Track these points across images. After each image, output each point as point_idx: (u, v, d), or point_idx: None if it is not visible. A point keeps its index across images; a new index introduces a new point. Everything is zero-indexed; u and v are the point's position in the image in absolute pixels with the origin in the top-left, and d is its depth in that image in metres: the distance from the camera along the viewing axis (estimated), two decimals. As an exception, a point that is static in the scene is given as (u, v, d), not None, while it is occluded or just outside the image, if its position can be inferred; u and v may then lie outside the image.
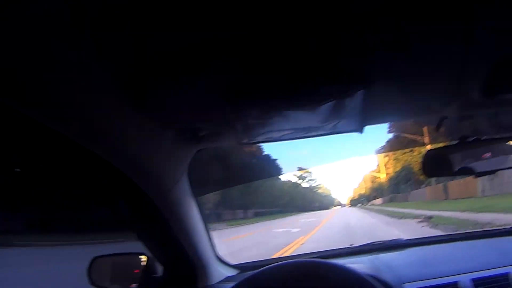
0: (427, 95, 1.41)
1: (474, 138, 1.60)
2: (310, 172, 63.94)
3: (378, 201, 54.27)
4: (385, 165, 48.69)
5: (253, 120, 1.26)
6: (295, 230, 16.73)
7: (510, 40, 1.06)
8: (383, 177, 51.49)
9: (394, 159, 43.77)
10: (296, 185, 61.99)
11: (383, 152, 51.32)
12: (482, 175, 1.65)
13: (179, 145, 1.51)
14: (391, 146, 36.43)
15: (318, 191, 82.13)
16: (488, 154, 1.62)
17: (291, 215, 39.79)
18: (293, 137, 1.45)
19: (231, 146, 1.81)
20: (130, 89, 1.10)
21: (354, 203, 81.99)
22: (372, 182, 65.76)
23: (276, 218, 32.58)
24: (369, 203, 62.01)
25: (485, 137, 1.61)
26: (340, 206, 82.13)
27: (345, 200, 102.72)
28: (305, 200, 61.55)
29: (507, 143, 1.68)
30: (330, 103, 1.17)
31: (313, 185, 74.32)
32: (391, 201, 43.07)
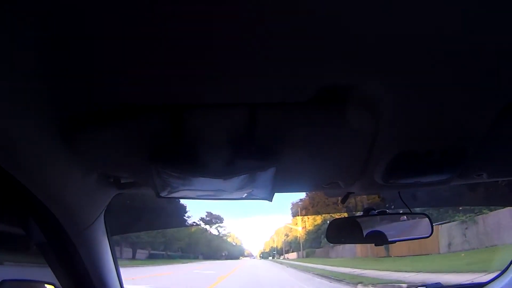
0: (334, 175, 1.61)
1: (378, 210, 1.91)
2: (219, 219, 63.07)
3: (293, 255, 56.52)
4: (302, 219, 48.64)
5: (172, 179, 1.36)
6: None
7: (413, 135, 1.26)
8: (299, 230, 51.74)
9: (314, 213, 43.39)
10: (203, 230, 61.94)
11: (296, 215, 51.71)
12: (383, 244, 1.96)
13: (101, 187, 1.63)
14: (304, 210, 39.38)
15: (227, 239, 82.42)
16: (389, 227, 1.93)
17: (189, 261, 42.56)
18: (209, 198, 1.62)
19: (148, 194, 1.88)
20: (63, 135, 1.20)
21: (265, 255, 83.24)
22: (286, 235, 67.83)
23: (169, 263, 32.66)
24: (282, 257, 65.18)
25: (389, 211, 1.91)
26: (249, 258, 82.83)
27: (255, 251, 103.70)
28: (211, 247, 61.99)
29: (408, 218, 2.01)
30: (244, 175, 1.32)
31: (222, 232, 73.94)
32: (308, 256, 44.07)
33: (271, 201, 1.57)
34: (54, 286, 1.73)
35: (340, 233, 2.02)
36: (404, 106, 1.12)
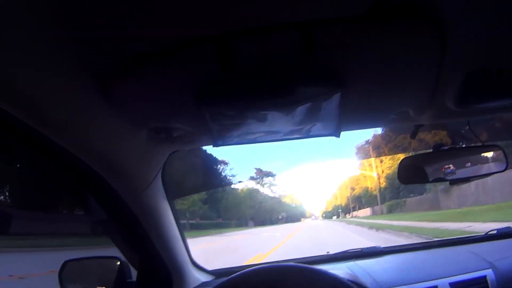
0: (403, 102, 1.60)
1: (449, 147, 1.99)
2: (271, 175, 60.25)
3: (364, 212, 52.82)
4: (376, 161, 44.85)
5: (228, 121, 1.39)
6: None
7: (482, 52, 1.27)
8: (374, 176, 47.53)
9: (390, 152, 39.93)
10: (252, 191, 59.77)
11: (366, 158, 49.23)
12: (456, 183, 2.07)
13: (153, 146, 1.69)
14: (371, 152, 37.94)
15: (284, 200, 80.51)
16: (462, 163, 2.04)
17: (244, 229, 42.85)
18: (268, 140, 1.64)
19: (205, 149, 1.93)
20: (101, 86, 1.23)
21: (328, 215, 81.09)
22: (352, 189, 64.07)
23: (218, 233, 32.12)
24: (349, 215, 62.59)
25: (459, 146, 2.01)
26: (311, 219, 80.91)
27: (317, 212, 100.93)
28: (264, 210, 60.49)
29: (480, 152, 2.11)
30: (306, 105, 1.30)
31: (277, 192, 72.59)
32: (391, 210, 38.31)
33: (339, 136, 1.59)
34: (119, 260, 1.98)
35: (412, 172, 2.10)
36: (474, 17, 1.11)
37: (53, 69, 1.08)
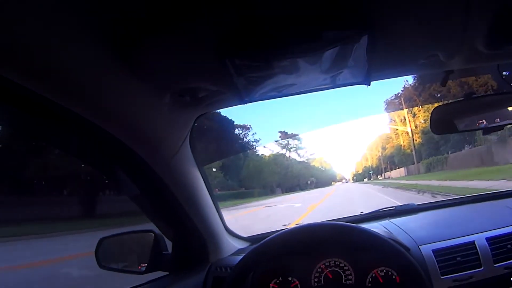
0: (433, 44, 1.57)
1: (480, 94, 2.00)
2: (299, 139, 57.80)
3: (398, 172, 49.58)
4: (410, 113, 40.81)
5: (254, 74, 1.40)
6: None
7: None
8: (408, 131, 42.75)
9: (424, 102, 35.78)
10: (277, 156, 55.71)
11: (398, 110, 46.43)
12: (490, 131, 2.07)
13: (178, 110, 1.71)
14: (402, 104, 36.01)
15: (313, 164, 75.17)
16: (494, 109, 2.04)
17: (268, 197, 39.24)
18: (296, 92, 1.65)
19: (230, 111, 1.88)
20: (121, 50, 1.24)
21: (358, 178, 77.67)
22: (383, 148, 59.88)
23: (239, 204, 30.86)
24: (380, 177, 58.90)
25: (491, 92, 2.00)
26: (341, 182, 78.68)
27: (347, 175, 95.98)
28: (291, 176, 56.41)
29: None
30: (333, 50, 1.30)
31: (304, 156, 66.83)
32: (430, 169, 34.52)
33: (369, 84, 1.59)
34: (154, 233, 2.06)
35: (444, 122, 2.11)
36: None
37: (72, 40, 1.11)
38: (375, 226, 2.42)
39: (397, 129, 48.92)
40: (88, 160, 1.83)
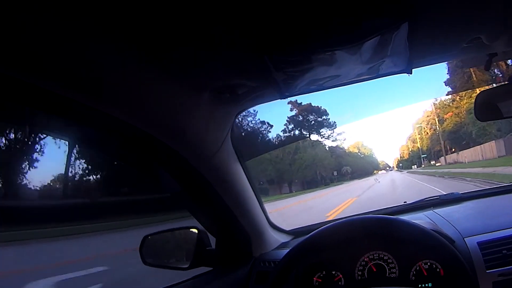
0: (475, 27, 1.55)
1: None
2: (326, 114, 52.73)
3: (470, 153, 34.48)
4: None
5: (293, 69, 1.40)
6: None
7: None
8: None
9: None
10: (308, 145, 46.14)
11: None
12: None
13: (218, 107, 1.73)
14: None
15: (350, 150, 64.63)
16: None
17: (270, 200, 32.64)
18: (337, 84, 1.66)
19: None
20: (160, 52, 1.27)
21: (404, 165, 64.17)
22: (440, 121, 42.85)
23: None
24: (437, 163, 45.42)
25: None
26: (385, 171, 68.24)
27: (390, 162, 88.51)
28: (322, 166, 45.68)
29: None
30: (373, 40, 1.29)
31: (339, 140, 57.58)
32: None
33: (411, 73, 1.59)
34: (197, 229, 2.09)
35: (489, 108, 2.05)
36: None
37: (111, 46, 1.14)
38: (419, 217, 2.39)
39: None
40: (132, 161, 1.88)
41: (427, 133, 50.50)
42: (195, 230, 2.10)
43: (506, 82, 1.99)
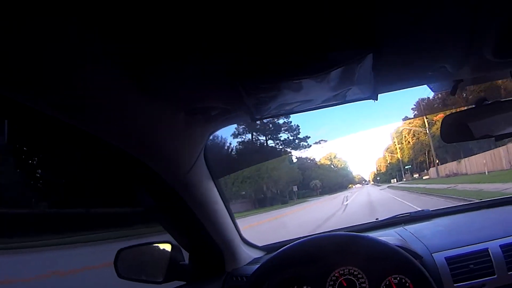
0: (439, 57, 1.62)
1: (492, 101, 2.01)
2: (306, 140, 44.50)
3: (478, 161, 30.31)
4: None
5: (264, 94, 1.47)
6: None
7: None
8: None
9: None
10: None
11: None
12: (502, 138, 2.08)
13: (192, 127, 1.78)
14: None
15: (321, 162, 63.81)
16: (507, 117, 2.05)
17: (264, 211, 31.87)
18: (305, 109, 1.74)
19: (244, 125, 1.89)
20: (137, 73, 1.29)
21: (382, 178, 63.97)
22: (430, 123, 40.09)
23: None
24: (425, 175, 42.75)
25: (503, 99, 2.01)
26: (361, 185, 68.48)
27: (366, 175, 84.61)
28: (286, 181, 41.50)
29: None
30: (340, 69, 1.36)
31: (311, 156, 58.97)
32: None
33: (376, 99, 1.67)
34: (171, 244, 2.14)
35: (455, 130, 2.14)
36: None
37: (91, 64, 1.16)
38: (389, 234, 2.49)
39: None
40: (107, 176, 1.92)
41: (409, 142, 48.82)
42: (168, 245, 2.14)
43: (473, 106, 2.07)
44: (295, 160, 49.14)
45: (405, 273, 1.85)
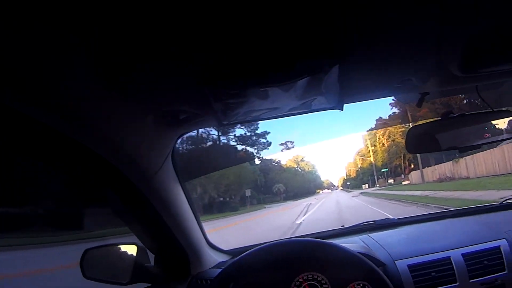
0: (406, 70, 1.68)
1: (458, 113, 2.06)
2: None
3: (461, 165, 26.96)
4: None
5: (231, 100, 1.51)
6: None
7: (485, 13, 1.29)
8: None
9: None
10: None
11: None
12: (466, 150, 2.15)
13: (161, 129, 1.82)
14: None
15: (288, 165, 59.38)
16: (472, 129, 2.13)
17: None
18: (272, 116, 1.78)
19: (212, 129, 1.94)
20: (108, 73, 1.32)
21: (352, 184, 59.13)
22: (390, 138, 42.21)
23: None
24: (410, 181, 37.18)
25: (468, 112, 2.07)
26: (329, 190, 63.86)
27: (335, 180, 77.98)
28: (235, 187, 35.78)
29: (490, 118, 2.17)
30: (306, 79, 1.41)
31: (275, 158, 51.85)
32: None
33: (342, 109, 1.70)
34: (136, 245, 2.15)
35: (421, 141, 2.20)
36: None
37: (64, 65, 1.19)
38: (354, 241, 2.55)
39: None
40: (73, 174, 1.92)
41: (383, 144, 45.28)
42: (134, 247, 2.16)
43: (438, 118, 2.13)
44: (257, 161, 47.02)
45: (367, 280, 1.88)
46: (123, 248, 2.22)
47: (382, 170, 44.80)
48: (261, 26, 1.21)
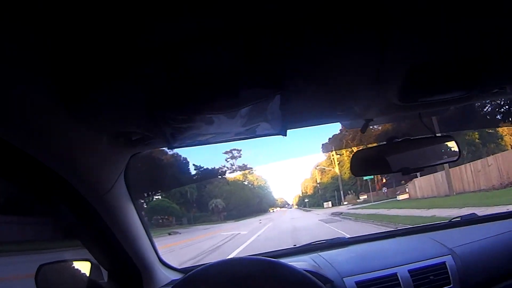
0: (347, 99, 1.76)
1: (402, 138, 2.18)
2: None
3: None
4: None
5: (179, 125, 1.57)
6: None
7: (423, 47, 1.37)
8: None
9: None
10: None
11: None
12: (409, 173, 2.24)
13: (114, 149, 1.87)
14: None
15: (234, 179, 55.75)
16: (415, 153, 2.26)
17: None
18: (219, 140, 1.85)
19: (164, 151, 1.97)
20: (63, 93, 1.34)
21: (311, 202, 56.36)
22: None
23: None
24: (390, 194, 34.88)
25: (412, 137, 2.19)
26: (286, 208, 62.03)
27: (290, 199, 78.47)
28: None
29: (433, 143, 2.34)
30: (249, 107, 1.48)
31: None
32: None
33: (285, 135, 1.76)
34: (90, 262, 2.19)
35: (365, 165, 2.32)
36: (415, 14, 1.20)
37: (20, 81, 1.20)
38: (304, 259, 2.63)
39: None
40: (28, 190, 1.97)
41: (352, 151, 34.83)
42: (88, 263, 2.20)
43: (383, 143, 2.25)
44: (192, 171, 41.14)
45: None
46: (77, 264, 2.24)
47: (365, 178, 36.15)
48: (206, 54, 1.29)
